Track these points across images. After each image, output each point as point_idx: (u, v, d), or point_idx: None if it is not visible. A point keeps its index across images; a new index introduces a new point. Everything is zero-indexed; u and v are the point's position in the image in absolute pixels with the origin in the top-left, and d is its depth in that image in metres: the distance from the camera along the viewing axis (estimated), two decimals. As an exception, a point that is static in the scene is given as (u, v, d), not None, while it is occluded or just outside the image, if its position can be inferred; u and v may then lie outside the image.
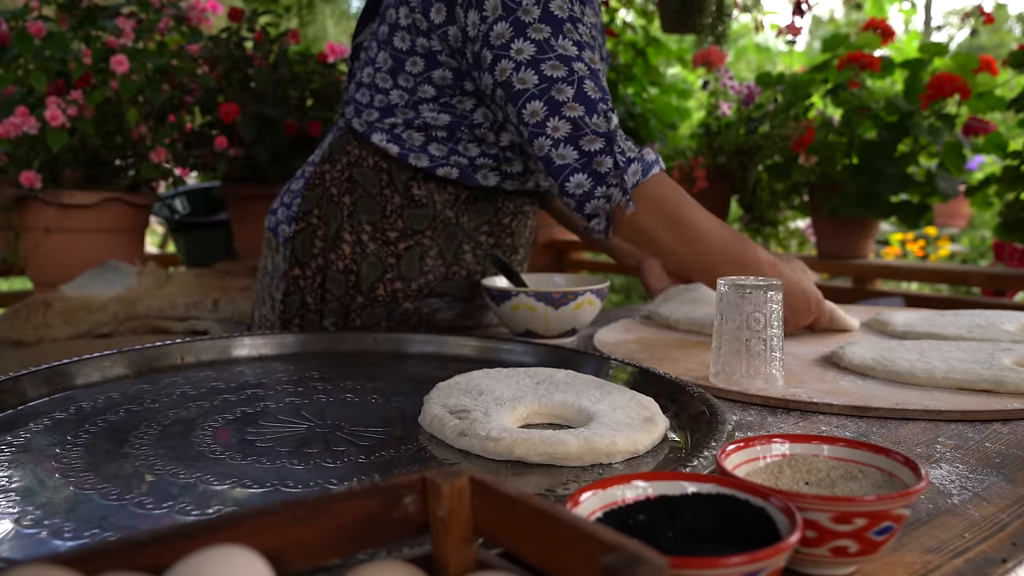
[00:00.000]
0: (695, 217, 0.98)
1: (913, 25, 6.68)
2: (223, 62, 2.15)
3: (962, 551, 0.49)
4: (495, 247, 1.18)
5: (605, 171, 0.96)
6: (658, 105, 2.98)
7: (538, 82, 0.96)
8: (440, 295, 1.15)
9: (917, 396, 0.80)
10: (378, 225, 1.12)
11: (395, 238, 1.12)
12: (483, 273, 1.17)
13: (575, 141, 0.96)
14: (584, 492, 0.43)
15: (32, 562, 0.30)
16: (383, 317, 1.14)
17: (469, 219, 1.14)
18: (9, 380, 0.75)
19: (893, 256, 4.37)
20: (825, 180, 2.25)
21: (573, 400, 0.70)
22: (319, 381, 0.85)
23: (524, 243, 1.24)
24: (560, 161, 0.96)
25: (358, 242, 1.12)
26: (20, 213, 2.01)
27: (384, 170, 1.11)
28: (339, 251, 1.12)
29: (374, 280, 1.12)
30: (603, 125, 0.96)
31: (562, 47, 0.96)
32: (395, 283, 1.12)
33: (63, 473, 0.58)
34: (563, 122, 0.96)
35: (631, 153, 0.97)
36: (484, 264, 1.17)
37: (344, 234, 1.13)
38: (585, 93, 0.96)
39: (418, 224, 1.12)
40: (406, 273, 1.12)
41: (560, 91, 0.95)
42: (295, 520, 0.35)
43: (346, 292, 1.13)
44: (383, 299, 1.13)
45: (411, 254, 1.12)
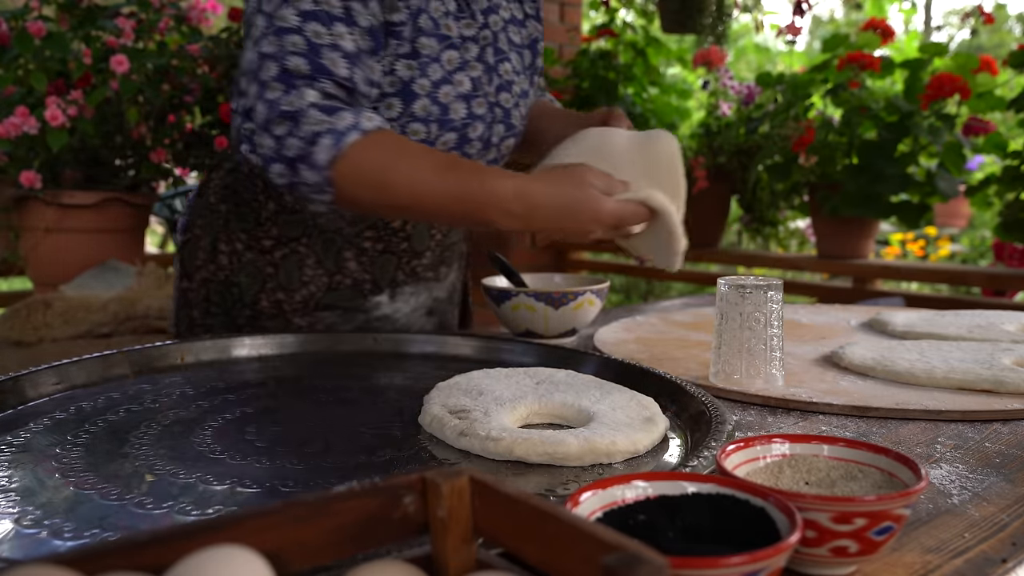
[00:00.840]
0: (410, 177, 0.85)
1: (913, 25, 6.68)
2: (223, 62, 2.15)
3: (962, 551, 0.49)
4: (387, 253, 1.07)
5: (293, 155, 0.85)
6: (658, 105, 2.98)
7: (254, 60, 0.87)
8: (329, 307, 1.06)
9: (917, 396, 0.80)
10: (253, 233, 1.04)
11: (270, 246, 1.04)
12: (372, 282, 1.07)
13: (268, 126, 0.86)
14: (584, 492, 0.43)
15: (32, 562, 0.30)
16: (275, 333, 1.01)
17: (347, 224, 1.04)
18: (9, 380, 0.75)
19: (893, 256, 4.37)
20: (825, 180, 2.25)
21: (573, 400, 0.70)
22: (319, 381, 0.85)
23: (434, 246, 1.11)
24: (261, 150, 0.87)
25: (234, 251, 1.05)
26: (20, 213, 2.01)
27: (259, 175, 1.02)
28: (218, 262, 1.06)
29: (255, 291, 1.05)
30: (295, 102, 0.84)
31: (281, 17, 0.86)
32: (277, 293, 1.04)
33: (63, 473, 0.58)
34: (262, 105, 0.86)
35: (319, 126, 0.84)
36: (374, 272, 1.07)
37: (220, 244, 1.06)
38: (287, 71, 0.85)
39: (292, 231, 1.04)
40: (286, 283, 1.04)
41: (266, 69, 0.86)
42: (295, 520, 0.35)
43: (232, 305, 1.06)
44: (269, 311, 1.05)
45: (288, 263, 1.04)
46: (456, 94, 0.99)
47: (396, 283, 1.09)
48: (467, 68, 1.00)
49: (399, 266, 1.09)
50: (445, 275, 1.16)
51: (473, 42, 1.02)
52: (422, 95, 0.97)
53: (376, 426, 0.70)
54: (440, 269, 1.14)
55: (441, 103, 0.98)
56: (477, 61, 1.02)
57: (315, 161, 0.85)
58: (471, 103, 1.00)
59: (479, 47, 1.02)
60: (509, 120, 1.06)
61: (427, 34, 0.97)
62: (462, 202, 0.85)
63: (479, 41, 1.02)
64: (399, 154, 0.86)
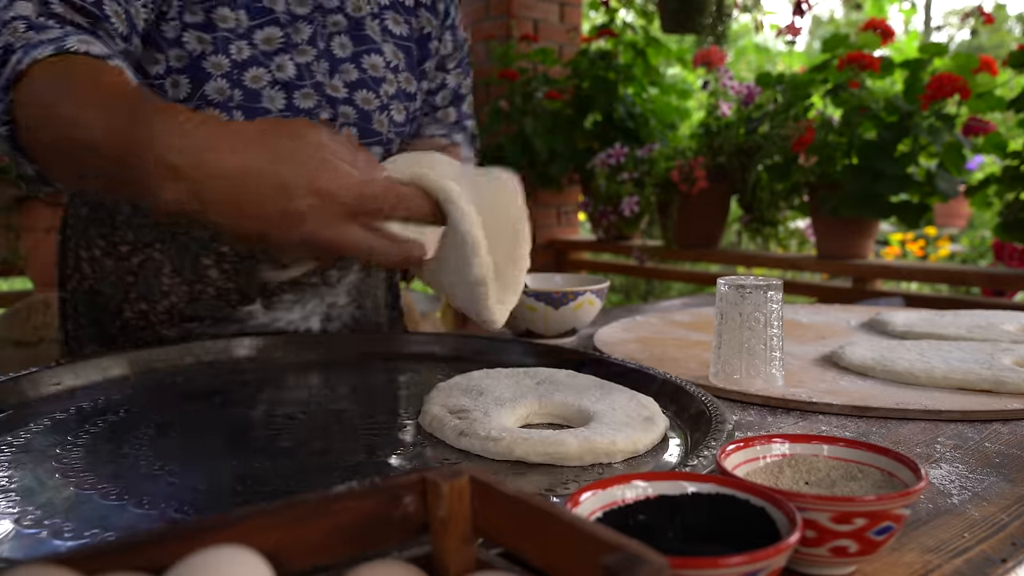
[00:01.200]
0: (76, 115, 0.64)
1: (913, 25, 6.68)
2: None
3: (962, 551, 0.49)
4: (252, 258, 0.96)
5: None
6: (658, 105, 2.98)
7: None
8: (193, 319, 0.96)
9: (917, 396, 0.80)
10: (109, 238, 0.96)
11: (127, 252, 0.95)
12: (239, 292, 0.96)
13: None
14: (584, 492, 0.43)
15: (32, 562, 0.30)
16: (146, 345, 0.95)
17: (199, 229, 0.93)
18: (9, 380, 0.75)
19: (893, 256, 4.37)
20: (825, 180, 2.25)
21: (573, 400, 0.70)
22: (319, 381, 0.85)
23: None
24: None
25: (94, 258, 0.97)
26: (20, 213, 2.01)
27: None
28: (82, 270, 0.99)
29: (119, 300, 0.97)
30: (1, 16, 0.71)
31: None
32: (140, 303, 0.96)
33: (63, 473, 0.58)
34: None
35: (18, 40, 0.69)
36: (239, 280, 0.96)
37: (81, 251, 0.99)
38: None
39: (146, 236, 0.94)
40: (146, 292, 0.95)
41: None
42: (295, 520, 0.35)
43: (100, 314, 0.99)
44: (136, 322, 0.97)
45: (146, 270, 0.95)
46: (272, 80, 0.87)
47: (269, 291, 0.98)
48: (293, 51, 0.88)
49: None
50: (338, 279, 1.04)
51: (306, 22, 0.90)
52: (216, 75, 0.84)
53: (376, 426, 0.70)
54: (329, 273, 1.03)
55: (248, 88, 0.86)
56: (308, 45, 0.90)
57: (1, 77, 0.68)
58: (293, 93, 0.88)
59: (313, 29, 0.90)
60: (369, 125, 0.94)
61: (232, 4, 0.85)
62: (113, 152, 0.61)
63: (314, 23, 0.90)
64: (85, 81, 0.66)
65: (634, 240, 2.90)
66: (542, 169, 2.92)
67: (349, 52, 0.92)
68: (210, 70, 0.84)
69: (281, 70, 0.87)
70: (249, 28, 0.86)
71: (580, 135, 2.95)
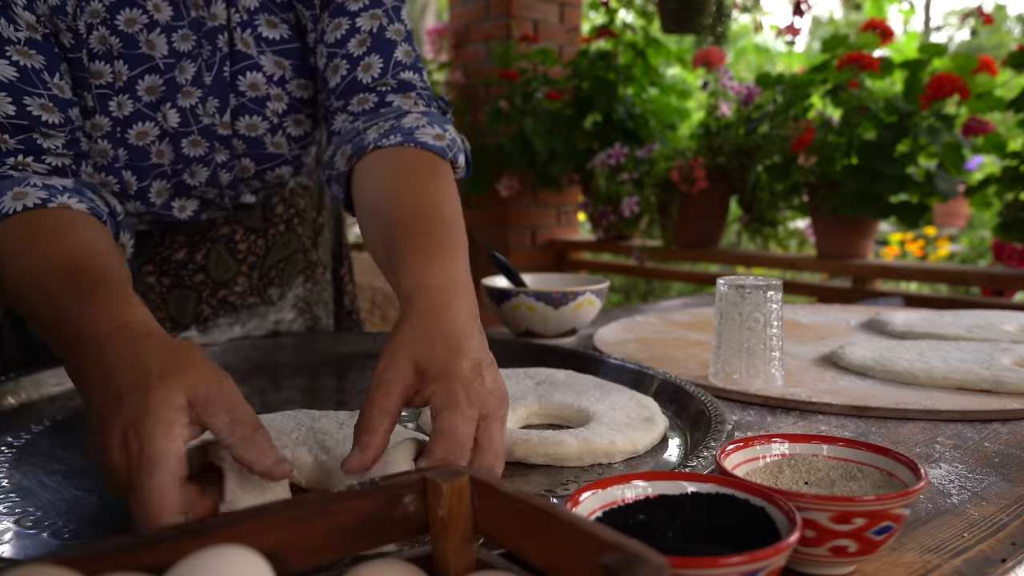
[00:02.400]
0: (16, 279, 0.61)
1: (912, 25, 6.68)
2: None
3: (962, 551, 0.49)
4: (178, 287, 0.92)
5: None
6: (658, 105, 2.98)
7: None
8: None
9: (916, 396, 0.80)
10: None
11: None
12: (171, 319, 0.92)
13: None
14: (584, 492, 0.43)
15: (32, 562, 0.30)
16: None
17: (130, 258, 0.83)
18: (9, 380, 0.75)
19: (892, 256, 4.37)
20: (825, 180, 2.25)
21: (573, 400, 0.70)
22: (319, 382, 0.85)
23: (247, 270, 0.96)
24: None
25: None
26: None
27: None
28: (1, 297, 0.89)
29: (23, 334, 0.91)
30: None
31: None
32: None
33: (64, 474, 0.58)
34: None
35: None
36: (168, 310, 0.92)
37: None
38: None
39: None
40: None
41: None
42: (295, 520, 0.35)
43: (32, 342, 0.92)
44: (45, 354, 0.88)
45: None
46: (160, 133, 0.80)
47: (203, 318, 0.94)
48: (177, 96, 0.80)
49: (201, 300, 0.94)
50: (280, 296, 0.99)
51: (190, 59, 0.80)
52: (97, 137, 0.78)
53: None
54: (268, 292, 0.98)
55: (133, 146, 0.79)
56: (192, 85, 0.80)
57: None
58: (180, 142, 0.81)
59: (198, 65, 0.80)
60: (263, 151, 0.86)
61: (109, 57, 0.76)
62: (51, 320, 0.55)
63: (198, 58, 0.80)
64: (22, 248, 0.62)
65: (634, 240, 2.90)
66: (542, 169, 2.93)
67: (229, 76, 0.82)
68: (89, 131, 0.77)
69: (167, 120, 0.80)
70: (129, 79, 0.78)
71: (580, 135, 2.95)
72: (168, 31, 0.78)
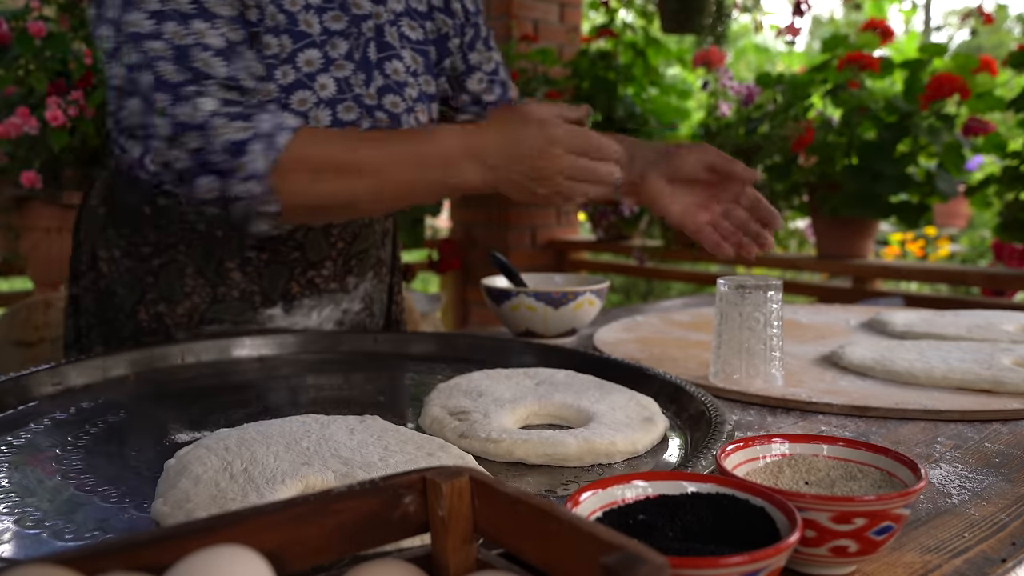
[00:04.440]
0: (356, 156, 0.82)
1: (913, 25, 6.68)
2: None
3: (962, 551, 0.49)
4: (275, 263, 0.98)
5: (223, 168, 0.80)
6: (658, 105, 2.98)
7: (124, 74, 0.82)
8: (215, 320, 0.97)
9: (916, 396, 0.80)
10: (131, 239, 0.96)
11: (149, 253, 0.96)
12: (262, 294, 0.98)
13: (176, 140, 0.80)
14: (584, 492, 0.43)
15: (32, 562, 0.30)
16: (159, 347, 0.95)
17: (226, 232, 0.95)
18: (9, 380, 0.75)
19: (892, 256, 4.37)
20: (825, 180, 2.25)
21: (573, 400, 0.70)
22: (319, 382, 0.85)
23: (336, 255, 1.02)
24: (178, 165, 0.82)
25: (112, 258, 0.97)
26: (20, 213, 2.01)
27: (136, 178, 0.95)
28: (97, 269, 0.98)
29: (134, 301, 0.96)
30: (190, 115, 0.80)
31: (133, 23, 0.80)
32: (158, 305, 0.96)
33: (64, 474, 0.58)
34: (160, 120, 0.81)
35: (242, 134, 0.80)
36: (262, 283, 0.98)
37: (100, 250, 0.98)
38: (162, 79, 0.80)
39: (170, 237, 0.95)
40: (167, 293, 0.95)
41: (137, 82, 0.81)
42: (295, 520, 0.35)
43: (114, 316, 0.98)
44: (148, 325, 0.96)
45: (168, 272, 0.95)
46: (316, 100, 0.90)
47: (291, 296, 1.00)
48: (331, 68, 0.92)
49: (292, 277, 0.99)
50: (355, 285, 1.06)
51: (342, 37, 0.93)
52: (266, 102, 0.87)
53: (376, 426, 0.70)
54: (347, 280, 1.04)
55: (296, 111, 0.89)
56: (346, 59, 0.93)
57: (252, 170, 0.80)
58: (336, 108, 0.92)
59: (349, 43, 0.93)
60: (398, 127, 0.98)
61: (277, 31, 0.88)
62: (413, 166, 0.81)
63: (350, 36, 0.93)
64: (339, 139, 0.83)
65: (634, 240, 2.90)
66: (542, 169, 2.92)
67: (376, 59, 0.96)
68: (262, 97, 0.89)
69: (324, 89, 0.91)
70: (291, 52, 0.89)
71: (580, 135, 2.94)
72: (320, 11, 0.92)
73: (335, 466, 0.53)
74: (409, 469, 0.38)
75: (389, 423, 0.62)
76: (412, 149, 0.82)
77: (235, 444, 0.56)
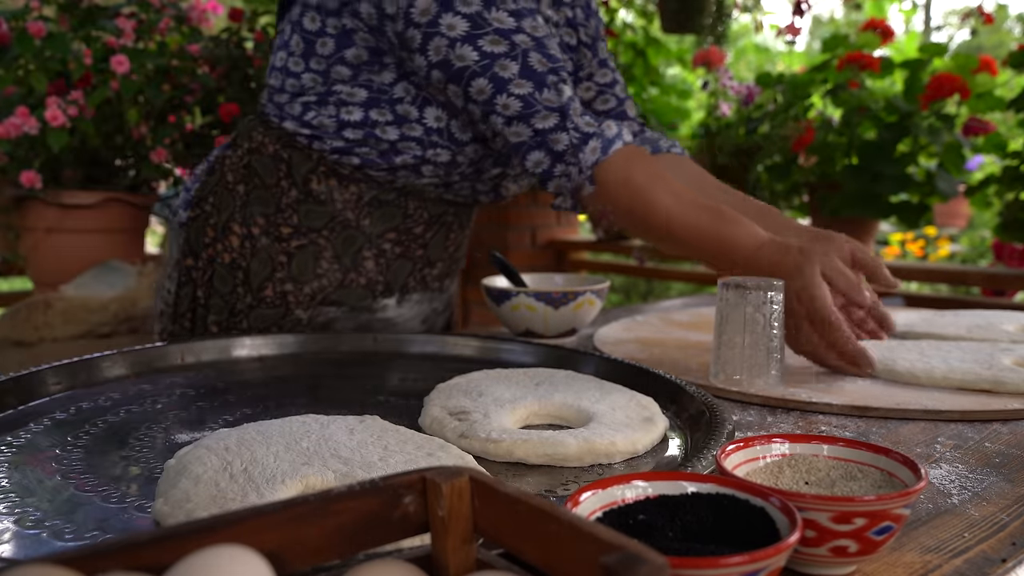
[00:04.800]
0: (665, 202, 0.90)
1: (913, 25, 6.68)
2: (223, 62, 2.16)
3: (962, 551, 0.49)
4: (403, 257, 1.08)
5: (561, 149, 0.90)
6: (658, 105, 2.98)
7: (478, 58, 0.89)
8: (336, 303, 1.06)
9: (917, 396, 0.80)
10: (271, 219, 1.03)
11: (288, 234, 1.03)
12: (384, 284, 1.08)
13: (527, 119, 0.90)
14: (584, 492, 0.43)
15: (32, 562, 0.30)
16: (272, 323, 1.05)
17: (372, 223, 1.05)
18: (9, 380, 0.75)
19: (893, 256, 4.37)
20: (825, 180, 2.25)
21: (573, 400, 0.70)
22: (319, 382, 0.85)
23: (446, 256, 1.14)
24: (516, 139, 0.92)
25: (248, 235, 1.04)
26: (20, 213, 2.01)
27: (284, 160, 1.03)
28: (227, 243, 1.04)
29: (263, 278, 1.03)
30: (554, 99, 0.90)
31: (497, 19, 0.89)
32: (285, 284, 1.04)
33: (64, 475, 0.58)
34: (512, 99, 0.90)
35: (589, 128, 0.91)
36: (388, 275, 1.07)
37: (234, 225, 1.04)
38: (531, 67, 0.89)
39: (314, 222, 1.03)
40: (297, 274, 1.03)
41: (504, 67, 0.89)
42: (295, 520, 0.35)
43: (233, 289, 1.05)
44: (271, 300, 1.04)
45: (304, 254, 1.04)
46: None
47: (407, 289, 1.10)
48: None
49: (412, 272, 1.10)
50: (448, 287, 1.17)
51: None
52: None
53: (376, 426, 0.70)
54: (445, 281, 1.16)
55: None
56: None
57: (582, 160, 0.91)
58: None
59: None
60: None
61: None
62: (704, 241, 0.89)
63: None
64: (654, 174, 0.92)
65: (634, 240, 2.90)
66: (542, 169, 2.92)
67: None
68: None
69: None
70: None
71: (580, 135, 2.95)
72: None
73: (335, 466, 0.53)
74: (409, 469, 0.38)
75: (389, 423, 0.62)
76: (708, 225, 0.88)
77: (235, 444, 0.56)
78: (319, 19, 0.99)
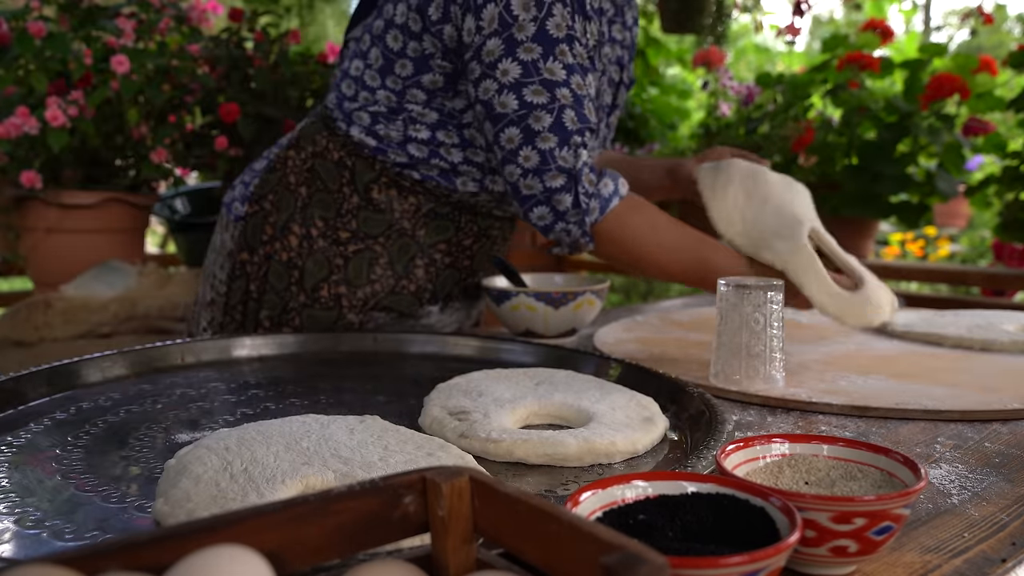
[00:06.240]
0: (654, 253, 0.99)
1: (913, 25, 6.68)
2: (223, 62, 2.15)
3: (962, 551, 0.49)
4: (450, 267, 1.12)
5: (563, 209, 0.95)
6: (658, 105, 2.98)
7: (517, 107, 0.93)
8: (386, 309, 1.09)
9: (916, 396, 0.80)
10: (331, 223, 1.06)
11: (346, 239, 1.06)
12: (432, 292, 1.11)
13: (540, 174, 0.94)
14: (584, 492, 0.43)
15: (32, 562, 0.30)
16: (325, 326, 1.07)
17: (426, 234, 1.08)
18: (9, 380, 0.75)
19: (893, 256, 4.37)
20: (825, 180, 2.25)
21: (573, 400, 0.70)
22: (319, 382, 0.85)
23: (487, 266, 1.18)
24: (526, 191, 0.96)
25: (307, 236, 1.07)
26: (20, 213, 2.01)
27: (348, 167, 1.06)
28: (285, 242, 1.07)
29: (319, 279, 1.06)
30: (569, 160, 0.93)
31: (549, 71, 0.92)
32: (340, 287, 1.06)
33: (64, 474, 0.58)
34: (533, 152, 0.93)
35: (591, 188, 0.96)
36: (436, 283, 1.11)
37: (294, 225, 1.07)
38: (562, 123, 0.93)
39: (372, 229, 1.07)
40: (352, 278, 1.06)
41: (538, 119, 0.93)
42: (295, 520, 0.35)
43: (287, 287, 1.07)
44: (325, 302, 1.07)
45: (360, 259, 1.07)
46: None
47: (451, 297, 1.14)
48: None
49: (457, 281, 1.13)
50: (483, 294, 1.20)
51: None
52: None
53: (376, 426, 0.70)
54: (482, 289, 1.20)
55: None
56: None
57: (583, 220, 0.96)
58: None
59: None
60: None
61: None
62: (692, 278, 0.99)
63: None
64: (644, 225, 0.99)
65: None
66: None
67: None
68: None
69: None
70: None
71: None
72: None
73: (335, 466, 0.53)
74: (409, 469, 0.38)
75: (389, 423, 0.62)
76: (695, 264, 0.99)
77: (235, 444, 0.56)
78: (402, 39, 1.01)
